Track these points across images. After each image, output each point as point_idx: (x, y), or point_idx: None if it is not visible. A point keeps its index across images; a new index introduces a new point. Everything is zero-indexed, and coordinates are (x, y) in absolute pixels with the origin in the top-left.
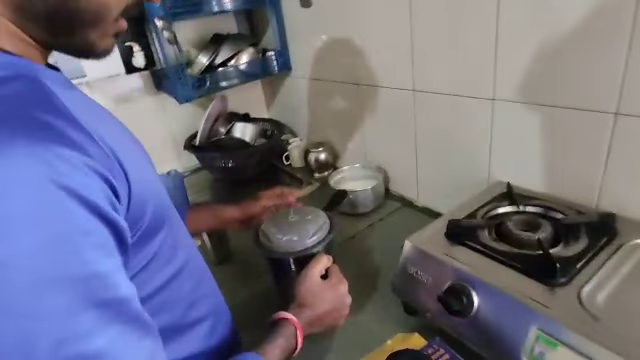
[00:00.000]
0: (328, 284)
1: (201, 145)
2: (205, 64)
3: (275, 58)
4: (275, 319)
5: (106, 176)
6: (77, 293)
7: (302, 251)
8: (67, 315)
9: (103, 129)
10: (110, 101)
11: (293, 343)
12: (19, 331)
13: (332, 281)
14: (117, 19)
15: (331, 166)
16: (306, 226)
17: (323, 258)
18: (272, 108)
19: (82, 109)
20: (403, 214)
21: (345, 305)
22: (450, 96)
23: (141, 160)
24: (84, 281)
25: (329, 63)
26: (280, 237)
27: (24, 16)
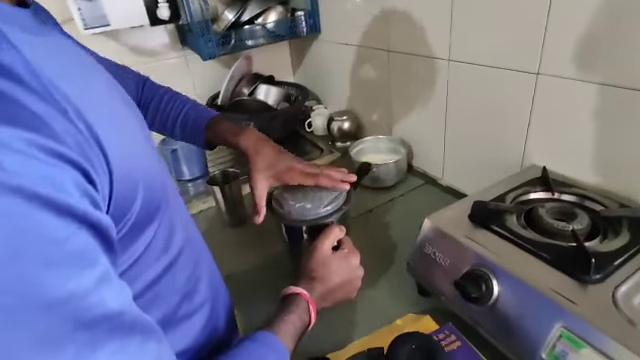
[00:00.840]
0: (340, 256)
1: (223, 105)
2: (231, 20)
3: (304, 19)
4: (286, 294)
5: (78, 161)
6: (51, 324)
7: (314, 220)
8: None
9: (79, 89)
10: (133, 54)
11: (306, 319)
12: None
13: (344, 253)
14: None
15: (354, 136)
16: (321, 195)
17: (335, 229)
18: (298, 72)
19: (52, 62)
20: (425, 192)
21: (357, 278)
22: (489, 68)
23: (129, 127)
24: (59, 307)
25: (360, 27)
26: (293, 204)
27: None
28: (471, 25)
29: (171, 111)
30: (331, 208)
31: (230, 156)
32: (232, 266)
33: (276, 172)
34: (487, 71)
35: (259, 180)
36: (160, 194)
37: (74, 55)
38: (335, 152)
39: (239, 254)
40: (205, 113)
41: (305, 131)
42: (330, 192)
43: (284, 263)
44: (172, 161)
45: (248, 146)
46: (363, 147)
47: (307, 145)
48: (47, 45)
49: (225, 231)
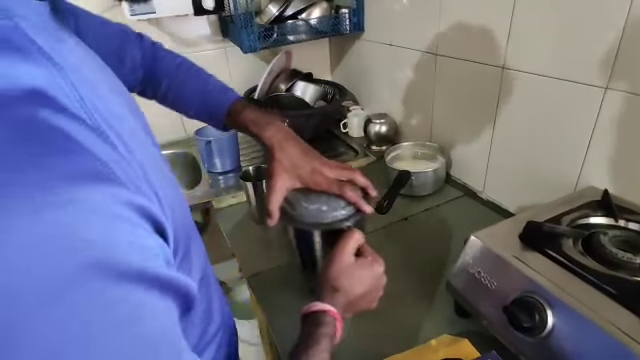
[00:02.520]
0: (363, 264)
1: (260, 99)
2: (275, 14)
3: (348, 16)
4: (312, 311)
5: (154, 215)
6: None
7: (330, 224)
8: None
9: (106, 107)
10: (175, 42)
11: (334, 336)
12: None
13: (368, 260)
14: None
15: (390, 140)
16: (337, 196)
17: (356, 234)
18: (336, 71)
19: (83, 78)
20: (464, 204)
21: (381, 286)
22: (549, 79)
23: (156, 155)
24: None
25: (407, 28)
26: (306, 206)
27: None
28: (533, 32)
29: (188, 86)
30: (347, 212)
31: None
32: (260, 264)
33: (300, 174)
34: (546, 82)
35: (280, 180)
36: (189, 230)
37: (90, 60)
38: (370, 155)
39: (267, 252)
40: (225, 93)
41: (340, 131)
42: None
43: None
44: (205, 153)
45: (273, 141)
46: (399, 153)
47: (341, 146)
48: (73, 54)
49: (254, 228)
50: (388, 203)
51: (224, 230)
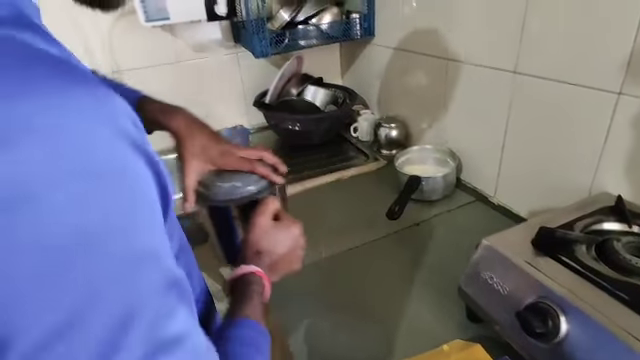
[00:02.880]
0: (281, 226)
1: (271, 103)
2: (286, 20)
3: (359, 22)
4: (239, 274)
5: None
6: (161, 269)
7: (246, 197)
8: (158, 293)
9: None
10: (188, 47)
11: (263, 296)
12: (124, 304)
13: (285, 223)
14: None
15: (401, 145)
16: (249, 173)
17: (271, 201)
18: (347, 75)
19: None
20: (475, 209)
21: (301, 246)
22: (562, 84)
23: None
24: (161, 258)
25: (418, 33)
26: (220, 184)
27: None
28: (545, 36)
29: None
30: (260, 186)
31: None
32: None
33: (211, 156)
34: (559, 87)
35: (192, 164)
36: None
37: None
38: (380, 159)
39: None
40: (134, 91)
41: (350, 135)
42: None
43: (330, 270)
44: None
45: (181, 127)
46: (409, 157)
47: (351, 150)
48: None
49: None
50: (399, 208)
51: None
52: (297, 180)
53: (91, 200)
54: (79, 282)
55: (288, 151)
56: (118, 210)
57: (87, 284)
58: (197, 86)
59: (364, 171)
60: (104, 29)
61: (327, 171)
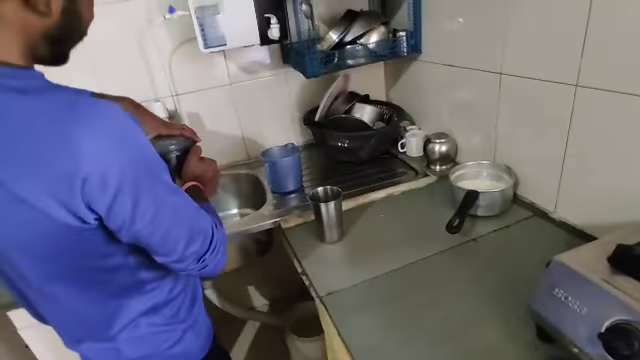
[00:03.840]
0: (206, 161)
1: (320, 121)
2: (335, 40)
3: (406, 39)
4: (189, 185)
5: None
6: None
7: (181, 147)
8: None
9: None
10: (239, 70)
11: (204, 195)
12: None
13: (207, 160)
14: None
15: (451, 160)
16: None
17: (197, 148)
18: (391, 91)
19: None
20: (534, 224)
21: (218, 174)
22: (630, 96)
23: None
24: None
25: (468, 48)
26: (162, 142)
27: (38, 48)
28: (613, 48)
29: None
30: (187, 142)
31: (328, 172)
32: (333, 283)
33: (152, 126)
34: (626, 99)
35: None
36: None
37: None
38: (431, 175)
39: (339, 271)
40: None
41: (398, 151)
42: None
43: (390, 284)
44: (270, 174)
45: (128, 108)
46: (464, 172)
47: (400, 166)
48: None
49: (323, 248)
50: (459, 223)
51: (295, 251)
52: (349, 196)
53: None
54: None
55: (336, 167)
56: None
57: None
58: (248, 107)
59: (415, 187)
60: (165, 57)
61: (377, 187)
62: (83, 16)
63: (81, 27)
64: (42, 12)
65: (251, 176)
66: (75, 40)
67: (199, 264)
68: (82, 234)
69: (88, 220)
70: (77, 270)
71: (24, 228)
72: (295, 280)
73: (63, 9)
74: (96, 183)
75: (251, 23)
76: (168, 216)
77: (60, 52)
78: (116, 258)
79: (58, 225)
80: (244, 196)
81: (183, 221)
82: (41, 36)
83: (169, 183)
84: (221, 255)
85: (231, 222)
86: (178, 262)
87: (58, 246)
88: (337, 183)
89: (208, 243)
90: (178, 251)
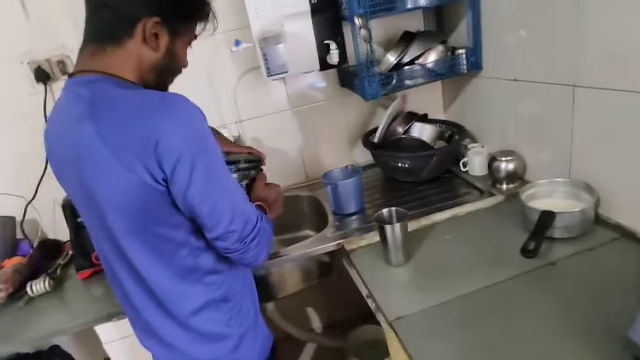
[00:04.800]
0: (271, 186)
1: (380, 143)
2: (393, 63)
3: (466, 56)
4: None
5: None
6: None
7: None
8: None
9: None
10: (297, 94)
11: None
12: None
13: (272, 184)
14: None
15: (518, 178)
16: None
17: (263, 175)
18: (450, 109)
19: None
20: (621, 247)
21: (282, 197)
22: None
23: None
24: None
25: (535, 61)
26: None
27: (146, 74)
28: None
29: None
30: (255, 161)
31: (389, 193)
32: (402, 307)
33: (224, 145)
34: None
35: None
36: None
37: None
38: (497, 194)
39: (408, 295)
40: None
41: (460, 170)
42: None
43: (462, 310)
44: (332, 196)
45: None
46: (535, 191)
47: (463, 186)
48: None
49: (389, 271)
50: (535, 246)
51: (360, 273)
52: (412, 217)
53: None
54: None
55: (397, 188)
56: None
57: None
58: (307, 130)
59: (481, 207)
60: (231, 86)
61: (441, 208)
62: (179, 57)
63: (177, 65)
64: (153, 48)
65: (311, 198)
66: (172, 74)
67: (240, 245)
68: (155, 196)
69: (158, 178)
70: (150, 233)
71: (118, 185)
72: (355, 303)
73: (167, 48)
74: (166, 146)
75: (311, 50)
76: (216, 188)
77: (162, 82)
78: (180, 232)
79: (139, 182)
80: (305, 218)
81: (229, 198)
82: (150, 66)
83: (222, 165)
84: (262, 246)
85: (294, 244)
86: (221, 239)
87: (138, 202)
88: (399, 204)
89: (250, 228)
90: (222, 225)
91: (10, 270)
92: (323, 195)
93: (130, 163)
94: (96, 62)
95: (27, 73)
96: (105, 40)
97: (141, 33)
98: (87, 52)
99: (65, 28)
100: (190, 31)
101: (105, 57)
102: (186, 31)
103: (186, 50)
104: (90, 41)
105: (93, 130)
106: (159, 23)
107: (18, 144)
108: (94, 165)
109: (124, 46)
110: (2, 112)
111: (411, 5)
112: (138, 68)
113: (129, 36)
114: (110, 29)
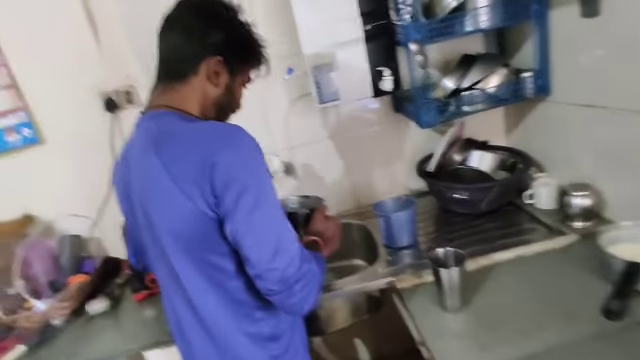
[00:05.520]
0: (330, 219)
1: (435, 172)
2: (451, 88)
3: (532, 80)
4: (309, 240)
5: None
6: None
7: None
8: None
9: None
10: (349, 120)
11: (320, 252)
12: (287, 227)
13: (331, 218)
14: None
15: (594, 216)
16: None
17: (324, 207)
18: (512, 136)
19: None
20: None
21: (340, 232)
22: None
23: None
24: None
25: (616, 85)
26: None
27: (208, 110)
28: None
29: None
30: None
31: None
32: None
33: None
34: None
35: None
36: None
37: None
38: (570, 233)
39: (465, 349)
40: None
41: (523, 203)
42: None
43: None
44: (384, 228)
45: None
46: (618, 235)
47: (528, 221)
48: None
49: (443, 316)
50: (621, 306)
51: (413, 316)
52: (470, 255)
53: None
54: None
55: (453, 220)
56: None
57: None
58: (358, 156)
59: (549, 247)
60: (282, 113)
61: (503, 246)
62: (236, 95)
63: (234, 102)
64: (215, 84)
65: (362, 227)
66: (230, 111)
67: (282, 287)
68: (208, 223)
69: (211, 204)
70: (203, 260)
71: (176, 212)
72: (403, 338)
73: (226, 86)
74: (219, 169)
75: (364, 77)
76: (262, 221)
77: (222, 117)
78: (231, 262)
79: (196, 210)
80: (355, 247)
81: (274, 234)
82: (212, 102)
83: (272, 200)
84: (310, 289)
85: (344, 277)
86: (262, 278)
87: (192, 229)
88: (454, 239)
89: (295, 269)
90: (264, 260)
91: (75, 288)
92: (373, 224)
93: (189, 190)
94: (165, 98)
95: (97, 103)
96: (174, 78)
97: (205, 71)
98: (158, 90)
99: (130, 59)
100: (246, 71)
101: (173, 93)
102: (243, 71)
103: (241, 90)
104: (161, 80)
105: (157, 161)
106: (221, 62)
107: (85, 169)
108: (157, 193)
109: (189, 82)
110: (75, 138)
111: (471, 28)
112: (201, 103)
113: (194, 73)
114: (178, 68)
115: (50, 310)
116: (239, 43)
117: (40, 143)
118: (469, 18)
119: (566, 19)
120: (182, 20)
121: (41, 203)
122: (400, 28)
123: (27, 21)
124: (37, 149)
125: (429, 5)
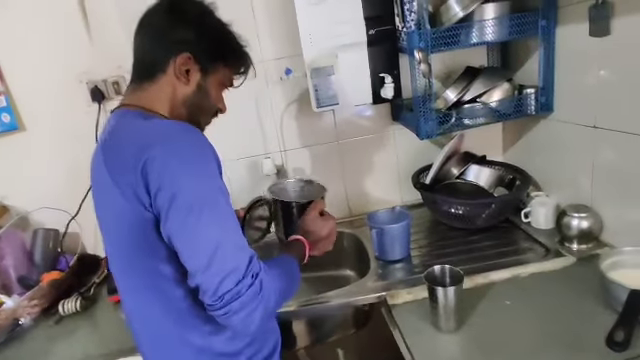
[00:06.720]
0: (325, 219)
1: (431, 185)
2: (452, 100)
3: (535, 97)
4: (290, 240)
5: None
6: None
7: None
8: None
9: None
10: (345, 126)
11: (303, 256)
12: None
13: (327, 217)
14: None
15: (593, 238)
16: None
17: (320, 202)
18: (510, 152)
19: None
20: None
21: (334, 233)
22: None
23: None
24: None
25: (621, 108)
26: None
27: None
28: None
29: None
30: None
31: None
32: None
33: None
34: None
35: None
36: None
37: None
38: (568, 255)
39: None
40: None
41: (520, 221)
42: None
43: None
44: (376, 240)
45: None
46: (619, 260)
47: (524, 240)
48: None
49: (437, 337)
50: (625, 337)
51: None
52: (466, 273)
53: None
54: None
55: (447, 234)
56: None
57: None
58: (353, 164)
59: (547, 269)
60: (277, 115)
61: (499, 265)
62: (211, 95)
63: (209, 103)
64: (185, 82)
65: (353, 236)
66: (204, 113)
67: (217, 302)
68: (144, 223)
69: (144, 202)
70: (142, 265)
71: (115, 211)
72: (391, 349)
73: (198, 84)
74: (153, 165)
75: (364, 83)
76: (197, 224)
77: (194, 119)
78: (169, 267)
79: (130, 208)
80: (345, 256)
81: (211, 239)
82: (181, 100)
83: (212, 201)
84: (256, 306)
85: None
86: (200, 289)
87: (129, 227)
88: (449, 254)
89: (232, 284)
90: (198, 271)
91: (47, 285)
92: (365, 234)
93: (124, 187)
94: (133, 97)
95: (84, 92)
96: (144, 78)
97: (173, 68)
98: (129, 89)
99: (123, 50)
100: (222, 71)
101: (141, 93)
102: (218, 69)
103: (220, 92)
104: (133, 80)
105: (102, 157)
106: (190, 59)
107: (68, 160)
108: (101, 190)
109: (158, 82)
110: (58, 128)
111: (476, 40)
112: (170, 102)
113: (163, 72)
114: (147, 68)
115: (19, 308)
116: (210, 40)
117: (20, 130)
118: (475, 29)
119: (574, 37)
120: (152, 20)
121: (17, 193)
122: (405, 35)
123: (11, 3)
124: (16, 136)
125: (435, 14)
